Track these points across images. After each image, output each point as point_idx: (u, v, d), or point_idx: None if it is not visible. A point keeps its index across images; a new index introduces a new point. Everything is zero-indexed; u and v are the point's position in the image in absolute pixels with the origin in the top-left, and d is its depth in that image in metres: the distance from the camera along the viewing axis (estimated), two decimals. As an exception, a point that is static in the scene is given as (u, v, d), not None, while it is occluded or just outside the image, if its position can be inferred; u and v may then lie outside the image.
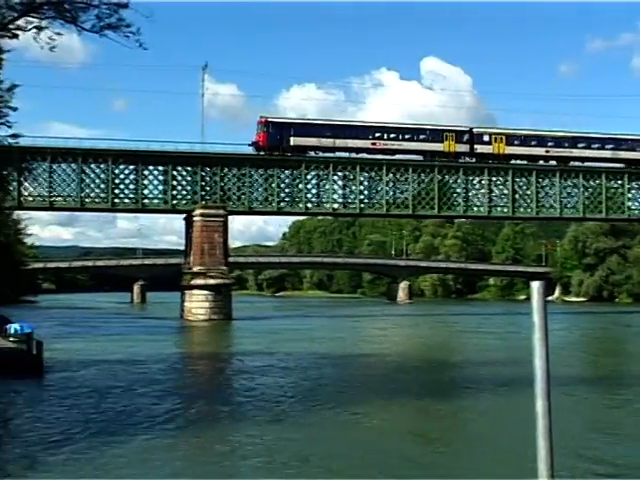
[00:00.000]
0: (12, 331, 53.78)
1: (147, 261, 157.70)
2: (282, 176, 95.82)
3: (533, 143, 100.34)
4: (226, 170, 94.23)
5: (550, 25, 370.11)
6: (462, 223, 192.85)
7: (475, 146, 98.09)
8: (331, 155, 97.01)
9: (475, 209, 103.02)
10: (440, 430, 26.37)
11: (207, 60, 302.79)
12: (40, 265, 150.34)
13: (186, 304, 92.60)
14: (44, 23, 27.41)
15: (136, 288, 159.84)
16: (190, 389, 36.59)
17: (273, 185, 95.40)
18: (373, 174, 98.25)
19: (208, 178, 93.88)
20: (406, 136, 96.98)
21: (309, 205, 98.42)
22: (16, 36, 27.89)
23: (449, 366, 45.50)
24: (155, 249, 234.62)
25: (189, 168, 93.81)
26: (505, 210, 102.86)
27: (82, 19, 27.74)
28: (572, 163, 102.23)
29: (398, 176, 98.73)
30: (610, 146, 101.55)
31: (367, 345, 58.95)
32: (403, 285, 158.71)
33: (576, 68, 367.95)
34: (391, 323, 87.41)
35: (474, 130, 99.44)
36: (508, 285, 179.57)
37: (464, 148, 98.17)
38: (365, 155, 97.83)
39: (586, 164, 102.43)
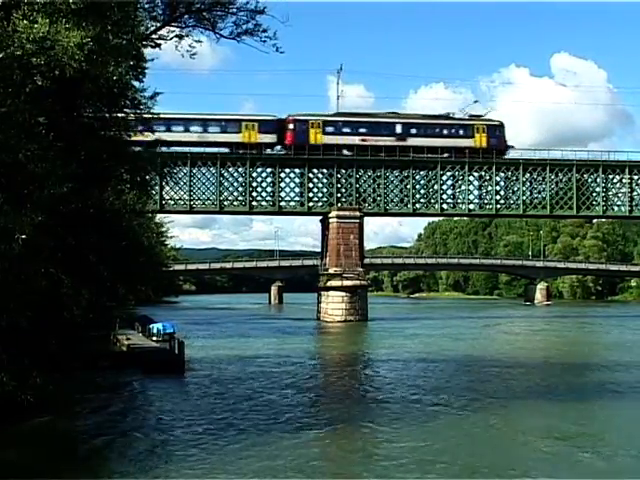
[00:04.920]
0: (155, 331, 55.63)
1: (284, 263, 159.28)
2: (417, 177, 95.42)
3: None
4: (361, 172, 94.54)
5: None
6: (602, 223, 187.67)
7: None
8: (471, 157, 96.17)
9: (615, 209, 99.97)
10: (573, 434, 25.68)
11: (332, 61, 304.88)
12: (181, 267, 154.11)
13: (322, 305, 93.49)
14: (184, 32, 28.29)
15: (273, 289, 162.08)
16: (328, 389, 36.94)
17: (408, 186, 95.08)
18: (509, 174, 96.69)
19: (344, 180, 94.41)
20: None
21: (444, 206, 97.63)
22: (158, 45, 28.83)
23: (589, 369, 44.30)
24: (291, 251, 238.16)
25: (325, 170, 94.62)
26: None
27: (220, 26, 28.53)
28: None
29: (535, 176, 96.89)
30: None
31: (502, 348, 57.99)
32: (541, 286, 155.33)
33: None
34: (528, 325, 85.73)
35: None
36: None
37: None
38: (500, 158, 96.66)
39: None
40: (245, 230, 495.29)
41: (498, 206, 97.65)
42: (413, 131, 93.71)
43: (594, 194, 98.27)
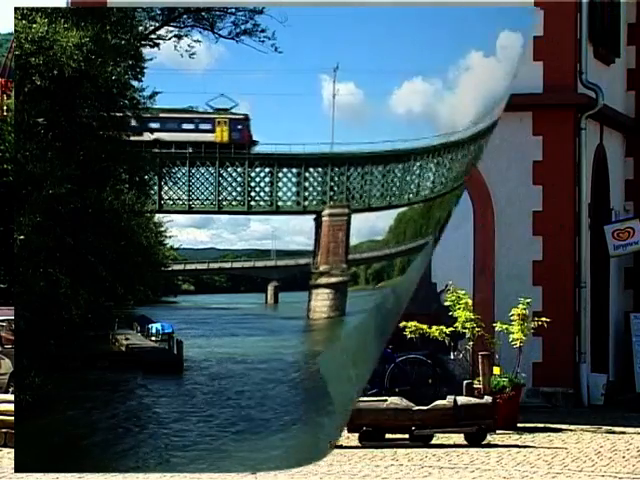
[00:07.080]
0: (154, 331, 55.60)
1: (280, 262, 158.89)
2: (396, 170, 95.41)
3: None
4: (352, 169, 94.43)
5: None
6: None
7: None
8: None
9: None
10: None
11: (325, 59, 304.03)
12: (179, 267, 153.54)
13: (312, 303, 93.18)
14: (183, 32, 28.32)
15: (269, 289, 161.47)
16: (325, 389, 36.88)
17: (389, 180, 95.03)
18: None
19: (336, 178, 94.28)
20: None
21: (411, 196, 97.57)
22: (157, 45, 28.84)
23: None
24: (287, 250, 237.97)
25: (320, 169, 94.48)
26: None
27: (219, 26, 28.57)
28: None
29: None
30: None
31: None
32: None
33: None
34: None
35: None
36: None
37: None
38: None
39: None
40: (243, 230, 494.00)
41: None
42: (151, 125, 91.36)
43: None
